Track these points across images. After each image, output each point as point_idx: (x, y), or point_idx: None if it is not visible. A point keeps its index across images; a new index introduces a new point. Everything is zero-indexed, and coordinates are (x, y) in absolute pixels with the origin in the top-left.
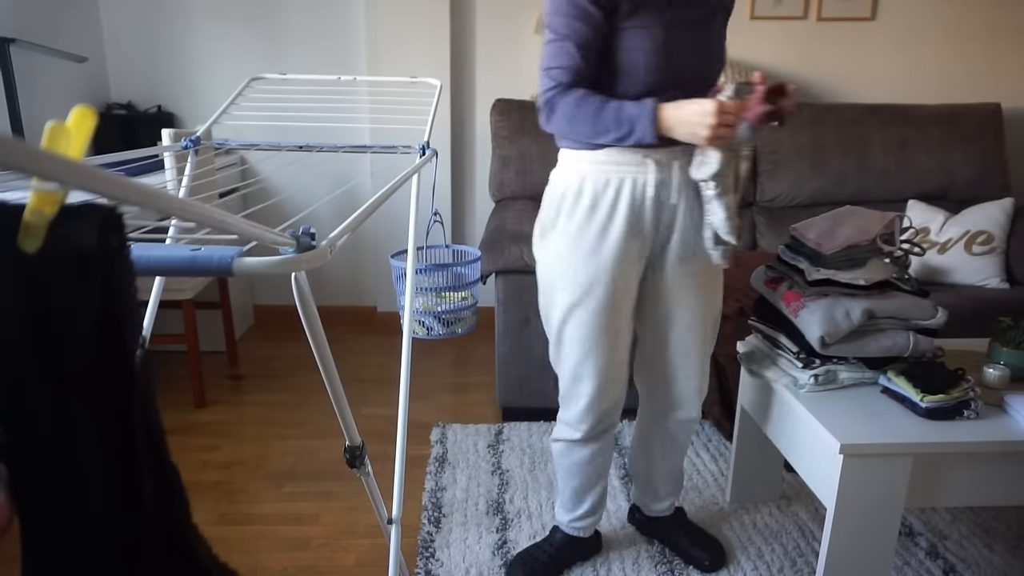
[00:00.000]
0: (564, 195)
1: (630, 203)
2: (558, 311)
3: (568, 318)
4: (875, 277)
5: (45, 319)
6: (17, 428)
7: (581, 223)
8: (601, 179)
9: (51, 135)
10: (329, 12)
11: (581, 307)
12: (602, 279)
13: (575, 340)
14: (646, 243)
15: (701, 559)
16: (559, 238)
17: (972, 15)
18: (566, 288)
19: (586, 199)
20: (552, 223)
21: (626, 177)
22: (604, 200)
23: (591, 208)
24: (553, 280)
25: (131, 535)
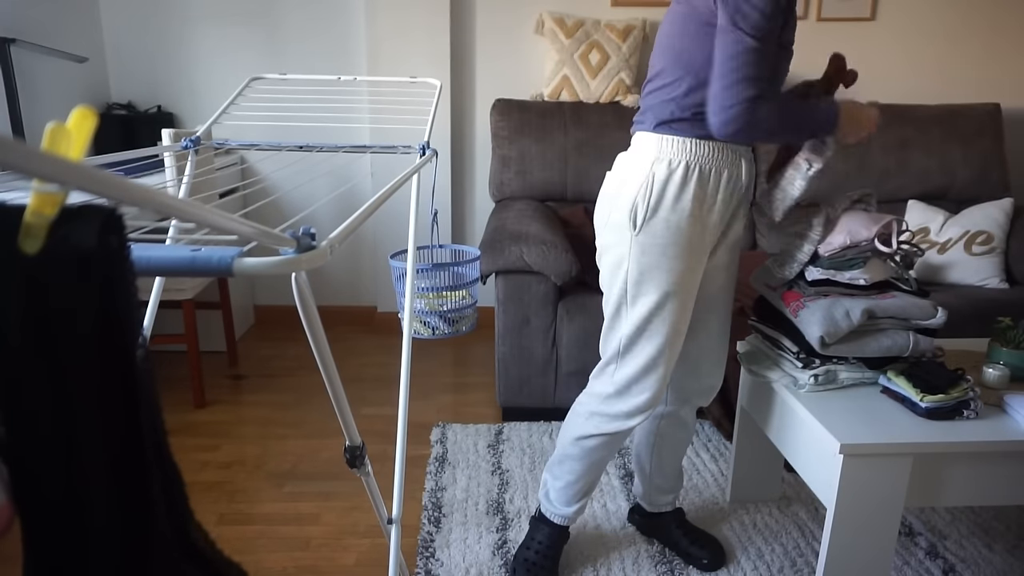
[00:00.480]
0: (668, 179)
1: (726, 195)
2: (649, 300)
3: (661, 307)
4: (875, 277)
5: (45, 320)
6: (18, 428)
7: (686, 210)
8: (706, 167)
9: (51, 136)
10: (329, 12)
11: (676, 297)
12: (697, 266)
13: (661, 330)
14: (721, 230)
15: (700, 558)
16: (662, 225)
17: (972, 15)
18: (664, 277)
19: (692, 186)
20: (654, 210)
21: (724, 170)
22: (707, 189)
23: (697, 196)
24: (649, 268)
25: (140, 534)
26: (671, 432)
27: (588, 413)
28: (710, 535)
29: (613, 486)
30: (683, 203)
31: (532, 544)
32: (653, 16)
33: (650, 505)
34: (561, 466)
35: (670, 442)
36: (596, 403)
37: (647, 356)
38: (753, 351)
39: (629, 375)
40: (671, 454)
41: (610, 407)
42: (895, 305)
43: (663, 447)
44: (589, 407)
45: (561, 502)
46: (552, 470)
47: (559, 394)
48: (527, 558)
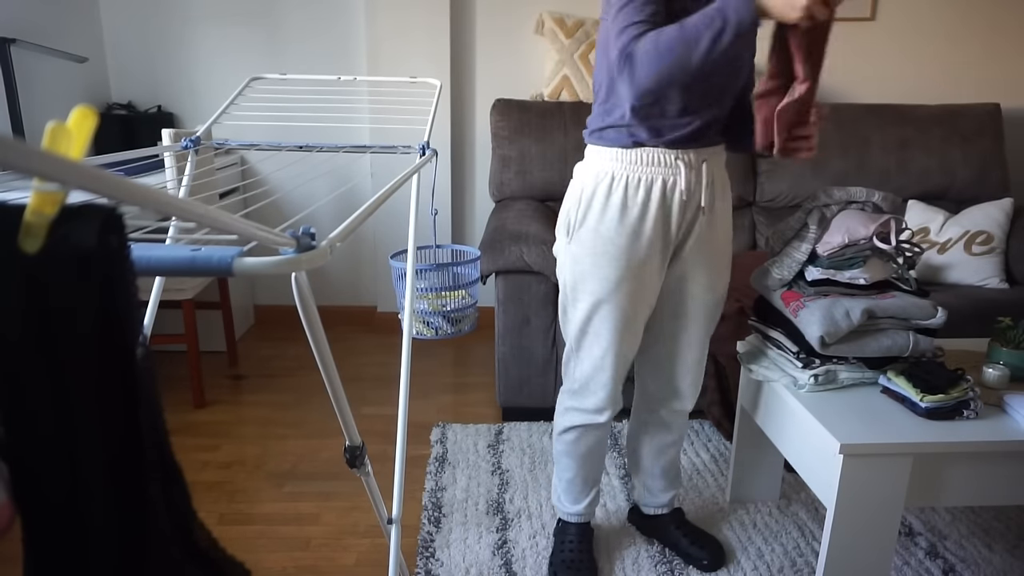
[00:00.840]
0: (595, 191)
1: (660, 202)
2: (584, 306)
3: (595, 313)
4: (875, 277)
5: (46, 319)
6: (18, 427)
7: (613, 221)
8: (634, 178)
9: (52, 135)
10: (329, 12)
11: (608, 303)
12: (630, 276)
13: (602, 333)
14: (671, 241)
15: (700, 558)
16: (589, 235)
17: (972, 15)
18: (595, 285)
19: (617, 197)
20: (581, 220)
21: (656, 178)
22: (636, 199)
23: (622, 207)
24: (581, 276)
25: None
26: (655, 435)
27: (563, 409)
28: (710, 535)
29: (613, 486)
30: (609, 213)
31: (564, 546)
32: None
33: (647, 507)
34: (559, 464)
35: (656, 445)
36: (567, 398)
37: (595, 356)
38: (753, 351)
39: (584, 372)
40: (660, 456)
41: (578, 402)
42: (895, 305)
43: (650, 450)
44: (563, 403)
45: (569, 500)
46: (555, 470)
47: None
48: (564, 559)
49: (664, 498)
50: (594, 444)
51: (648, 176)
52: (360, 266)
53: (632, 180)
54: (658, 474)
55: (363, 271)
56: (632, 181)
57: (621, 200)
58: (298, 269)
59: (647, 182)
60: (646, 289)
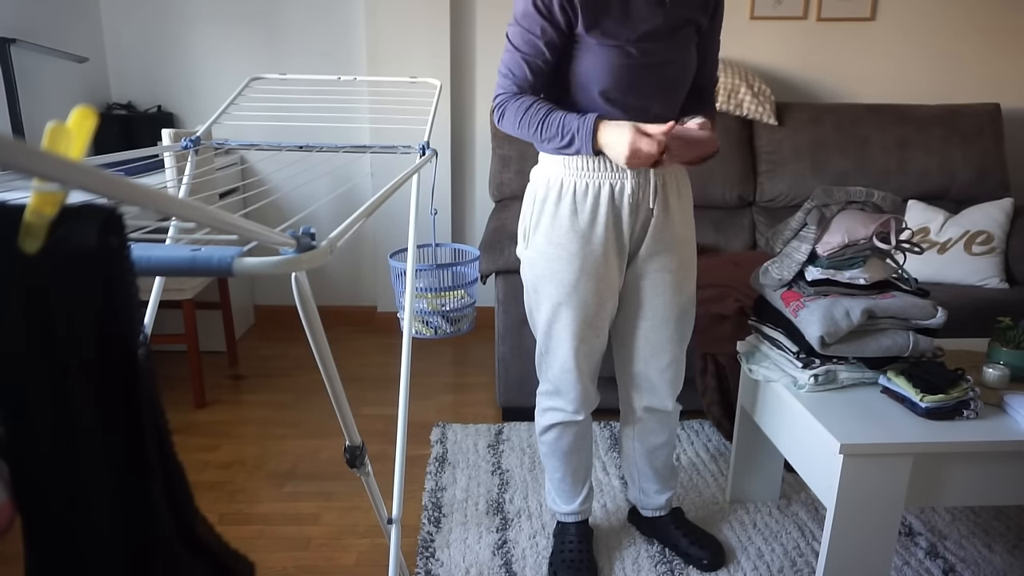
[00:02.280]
0: (546, 198)
1: (609, 206)
2: (545, 309)
3: (556, 315)
4: (875, 276)
5: (46, 319)
6: (18, 428)
7: (563, 225)
8: (581, 183)
9: (51, 136)
10: (329, 12)
11: (567, 305)
12: (586, 278)
13: (565, 335)
14: (625, 243)
15: (700, 558)
16: (542, 239)
17: (972, 15)
18: (552, 288)
19: (567, 202)
20: (535, 225)
21: (603, 182)
22: (585, 203)
23: (572, 211)
24: (538, 280)
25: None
26: (643, 437)
27: (541, 409)
28: (710, 535)
29: (613, 486)
30: (560, 218)
31: (564, 546)
32: None
33: (644, 509)
34: (547, 466)
35: (646, 447)
36: (544, 399)
37: (561, 358)
38: (753, 351)
39: (555, 374)
40: (651, 458)
41: (553, 402)
42: (895, 305)
43: (640, 453)
44: (541, 403)
45: (563, 500)
46: (545, 474)
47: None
48: (564, 559)
49: (660, 500)
50: (576, 440)
51: (595, 181)
52: (360, 266)
53: (580, 186)
54: (651, 476)
55: (363, 271)
56: (580, 187)
57: (571, 205)
58: (298, 269)
59: (595, 187)
60: (605, 288)
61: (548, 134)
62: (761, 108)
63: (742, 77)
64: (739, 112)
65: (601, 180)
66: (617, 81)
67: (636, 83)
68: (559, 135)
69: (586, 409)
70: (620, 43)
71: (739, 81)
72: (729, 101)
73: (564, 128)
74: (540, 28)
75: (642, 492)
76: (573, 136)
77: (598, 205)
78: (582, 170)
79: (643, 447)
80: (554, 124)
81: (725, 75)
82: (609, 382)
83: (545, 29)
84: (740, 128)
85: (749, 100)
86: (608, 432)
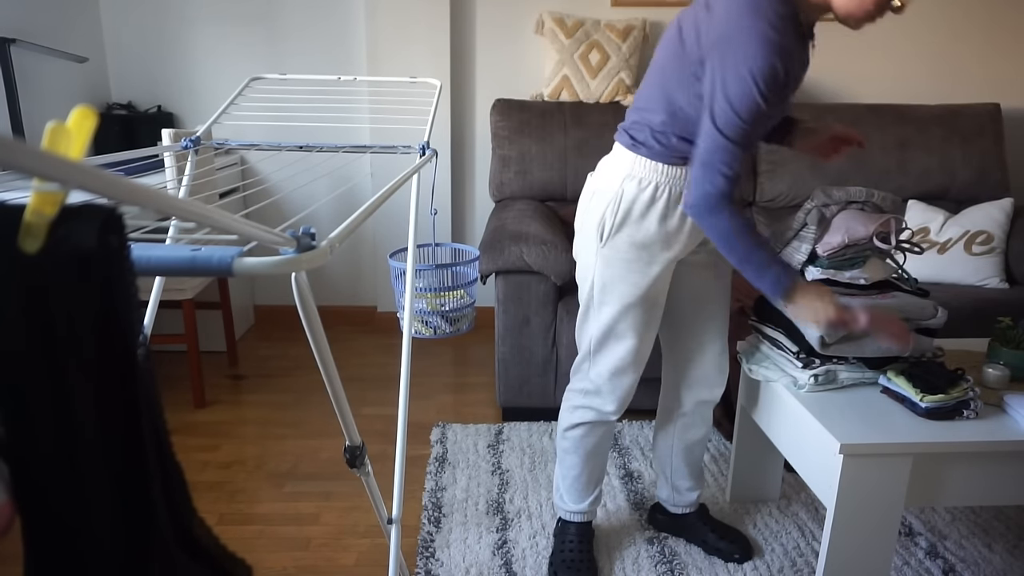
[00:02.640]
0: (635, 200)
1: None
2: (611, 309)
3: (623, 315)
4: (875, 277)
5: (46, 319)
6: (18, 428)
7: (651, 229)
8: (676, 191)
9: (51, 136)
10: (329, 12)
11: (638, 306)
12: (661, 281)
13: (627, 336)
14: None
15: (731, 552)
16: (625, 241)
17: (972, 15)
18: (625, 289)
19: (659, 207)
20: (618, 226)
21: None
22: (675, 210)
23: (663, 216)
24: (612, 280)
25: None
26: (687, 433)
27: (572, 407)
28: (735, 529)
29: (613, 486)
30: (648, 222)
31: (564, 546)
32: (653, 16)
33: (675, 506)
34: (563, 463)
35: (688, 443)
36: (579, 397)
37: (616, 358)
38: (753, 351)
39: (602, 374)
40: (691, 455)
41: (590, 401)
42: (895, 305)
43: (681, 448)
44: (572, 401)
45: (572, 499)
46: (559, 469)
47: (559, 394)
48: (564, 559)
49: (692, 496)
50: (601, 439)
51: None
52: (360, 266)
53: (675, 193)
54: (686, 473)
55: (363, 271)
56: (675, 194)
57: (662, 210)
58: (298, 269)
59: None
60: (665, 289)
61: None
62: None
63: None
64: None
65: None
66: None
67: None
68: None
69: (622, 410)
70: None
71: None
72: None
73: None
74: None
75: (674, 490)
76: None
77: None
78: (678, 179)
79: (682, 443)
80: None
81: None
82: None
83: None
84: None
85: None
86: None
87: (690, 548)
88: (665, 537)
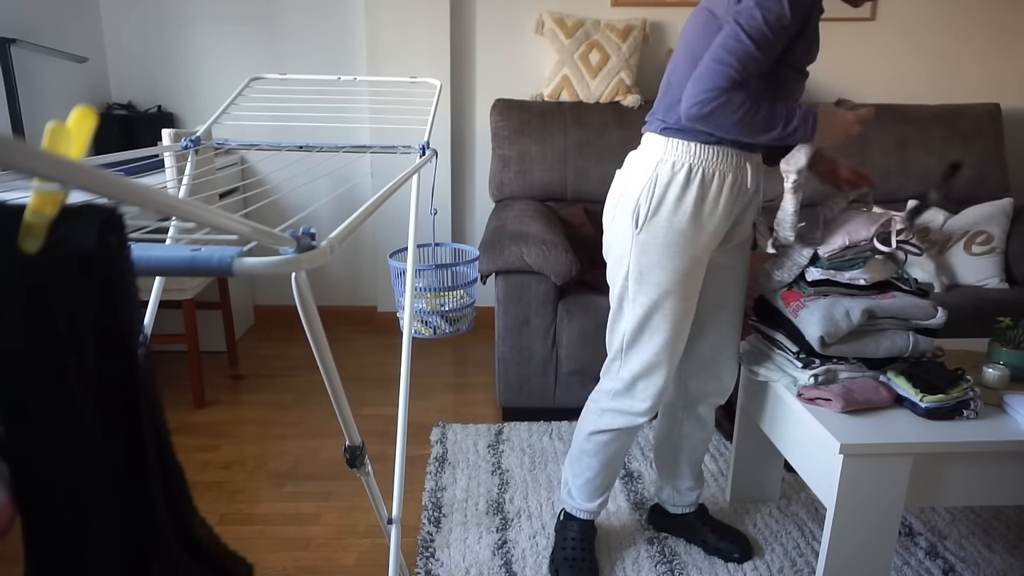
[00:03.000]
0: (671, 183)
1: (728, 197)
2: (646, 299)
3: (660, 304)
4: (875, 277)
5: (45, 319)
6: (18, 428)
7: (687, 212)
8: (710, 171)
9: (51, 136)
10: (329, 12)
11: (675, 294)
12: (697, 267)
13: (663, 327)
14: (727, 231)
15: (731, 552)
16: (663, 225)
17: (972, 15)
18: (662, 275)
19: (694, 189)
20: (655, 209)
21: (728, 174)
22: (710, 192)
23: (699, 198)
24: (648, 267)
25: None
26: (692, 432)
27: (600, 410)
28: (736, 529)
29: (613, 486)
30: (685, 205)
31: (566, 543)
32: (653, 16)
33: (675, 507)
34: (579, 463)
35: (691, 442)
36: (607, 400)
37: (650, 353)
38: (753, 351)
39: (634, 372)
40: (693, 454)
41: (620, 403)
42: (895, 305)
43: (685, 448)
44: (600, 404)
45: (583, 498)
46: (571, 468)
47: (559, 394)
48: (566, 556)
49: (691, 497)
50: (623, 447)
51: (722, 171)
52: (360, 266)
53: (708, 174)
54: (688, 474)
55: (363, 271)
56: (708, 175)
57: (698, 191)
58: (298, 269)
59: (720, 177)
60: (700, 281)
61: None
62: None
63: None
64: None
65: (726, 171)
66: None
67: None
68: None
69: (655, 410)
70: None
71: None
72: None
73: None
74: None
75: (675, 490)
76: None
77: (720, 195)
78: (712, 159)
79: (688, 444)
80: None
81: None
82: None
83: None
84: None
85: None
86: None
87: (690, 548)
88: (665, 537)
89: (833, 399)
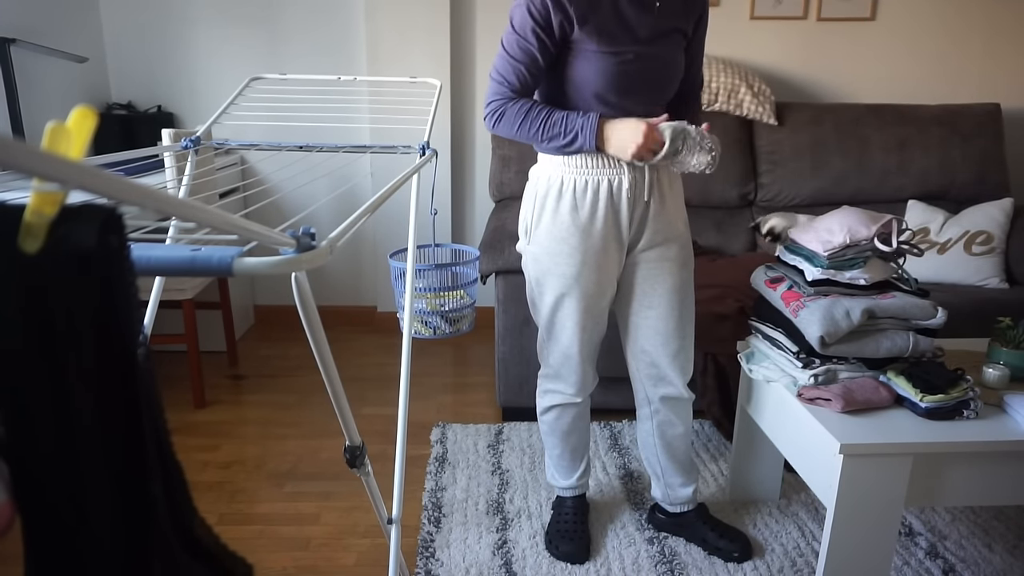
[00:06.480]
0: (547, 194)
1: (608, 201)
2: (549, 299)
3: (559, 305)
4: (875, 277)
5: (46, 319)
6: (18, 428)
7: (565, 221)
8: (580, 179)
9: (51, 136)
10: (329, 12)
11: (570, 296)
12: (588, 270)
13: (568, 324)
14: (624, 235)
15: (731, 551)
16: (544, 235)
17: (972, 15)
18: (555, 280)
19: (567, 198)
20: (536, 222)
21: (602, 178)
22: (585, 199)
23: (573, 207)
24: (542, 273)
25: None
26: (664, 430)
27: (542, 391)
28: (736, 528)
29: (613, 486)
30: (561, 214)
31: (560, 517)
32: None
33: (672, 504)
34: (546, 443)
35: (666, 439)
36: (545, 382)
37: (562, 346)
38: (753, 351)
39: (555, 361)
40: (673, 451)
41: (552, 385)
42: (895, 305)
43: (662, 445)
44: (542, 386)
45: (562, 475)
46: (545, 451)
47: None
48: (559, 530)
49: (686, 493)
50: (574, 421)
51: (594, 178)
52: (360, 266)
53: (579, 183)
54: (674, 470)
55: (363, 271)
56: (579, 184)
57: (571, 202)
58: (298, 269)
59: (594, 183)
60: (605, 279)
61: (550, 133)
62: (761, 108)
63: (742, 77)
64: (739, 112)
65: (600, 176)
66: (609, 84)
67: (627, 86)
68: (562, 134)
69: (584, 392)
70: (614, 49)
71: (739, 81)
72: (729, 101)
73: (567, 127)
74: (535, 36)
75: (668, 487)
76: (576, 134)
77: (597, 200)
78: (581, 168)
79: (663, 440)
80: (556, 123)
81: (725, 75)
82: (610, 382)
83: (540, 37)
84: (740, 128)
85: (749, 100)
86: (608, 432)
87: (690, 548)
88: (665, 537)
89: (833, 399)
